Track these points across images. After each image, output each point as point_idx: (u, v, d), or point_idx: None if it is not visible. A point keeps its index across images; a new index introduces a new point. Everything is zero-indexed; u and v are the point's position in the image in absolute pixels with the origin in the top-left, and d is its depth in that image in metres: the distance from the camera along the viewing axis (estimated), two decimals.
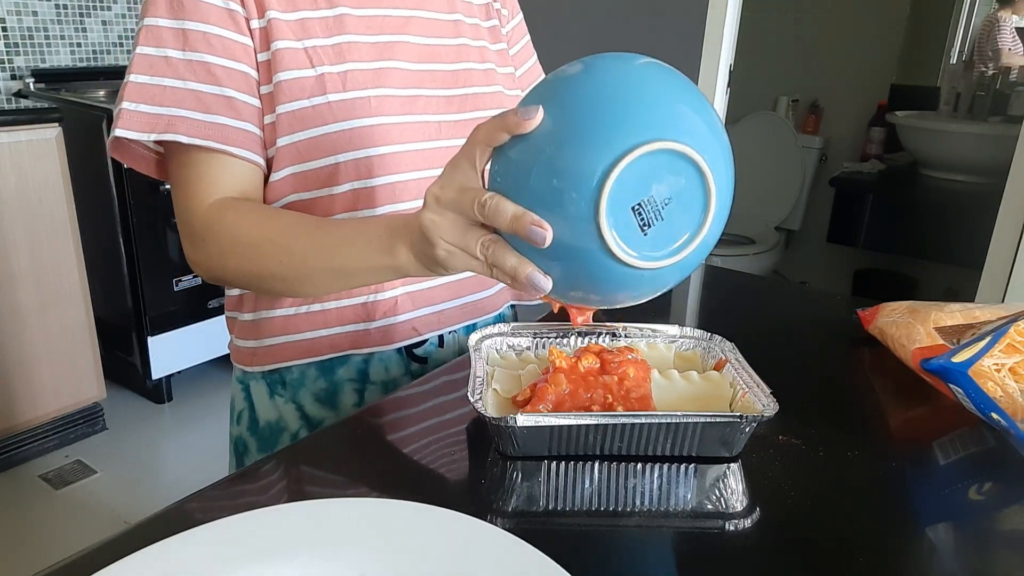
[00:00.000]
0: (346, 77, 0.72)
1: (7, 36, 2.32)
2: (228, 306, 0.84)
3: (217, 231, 0.67)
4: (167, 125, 0.66)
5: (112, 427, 2.31)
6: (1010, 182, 1.75)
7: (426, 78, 0.78)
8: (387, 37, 0.75)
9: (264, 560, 0.42)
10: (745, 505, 0.55)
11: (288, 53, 0.70)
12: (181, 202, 0.70)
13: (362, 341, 0.79)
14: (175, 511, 0.52)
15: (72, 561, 0.46)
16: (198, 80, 0.67)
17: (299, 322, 0.78)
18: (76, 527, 1.89)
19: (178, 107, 0.66)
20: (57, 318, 2.05)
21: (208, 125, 0.67)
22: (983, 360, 0.66)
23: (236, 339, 0.83)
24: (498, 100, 0.84)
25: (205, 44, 0.67)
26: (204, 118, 0.67)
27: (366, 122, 0.72)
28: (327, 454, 0.62)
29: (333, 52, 0.72)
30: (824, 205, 3.02)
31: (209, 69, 0.67)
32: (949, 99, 2.87)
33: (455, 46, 0.81)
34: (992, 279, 1.82)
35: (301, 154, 0.71)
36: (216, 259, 0.68)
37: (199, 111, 0.67)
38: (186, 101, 0.66)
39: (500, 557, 0.42)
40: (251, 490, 0.56)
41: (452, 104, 0.79)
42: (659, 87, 0.47)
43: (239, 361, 0.83)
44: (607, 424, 0.56)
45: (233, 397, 0.86)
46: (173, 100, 0.66)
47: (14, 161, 1.88)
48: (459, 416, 0.66)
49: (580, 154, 0.45)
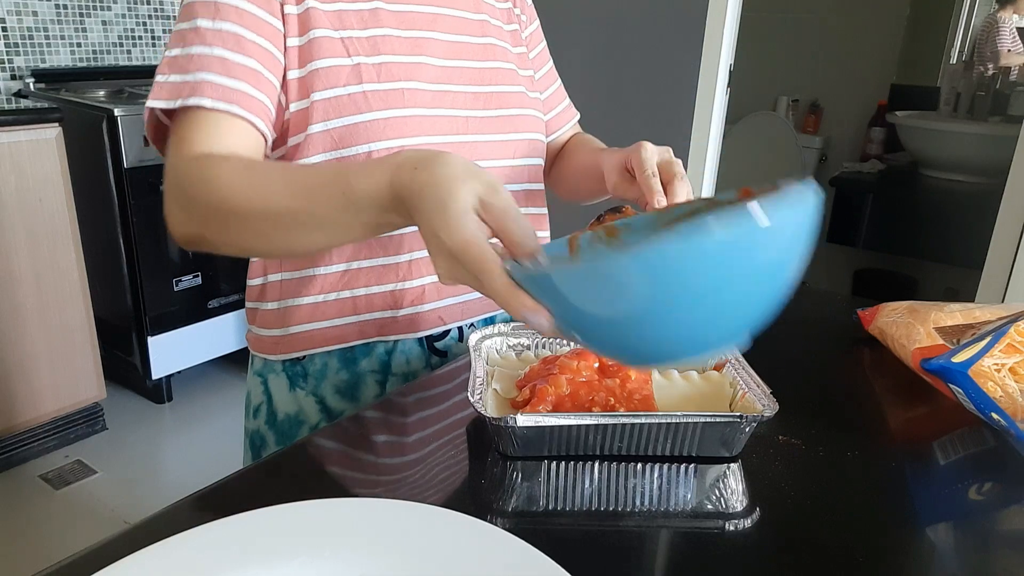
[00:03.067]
0: (381, 69, 0.73)
1: (7, 36, 2.32)
2: (250, 297, 0.84)
3: (195, 179, 0.64)
4: (192, 90, 0.66)
5: (112, 427, 2.31)
6: (1010, 182, 1.75)
7: (454, 75, 0.79)
8: (418, 33, 0.78)
9: (264, 560, 0.42)
10: (745, 505, 0.55)
11: (326, 41, 0.71)
12: (172, 155, 0.67)
13: (389, 328, 0.79)
14: (175, 511, 0.52)
15: (72, 561, 0.46)
16: (226, 47, 0.67)
17: (327, 309, 0.78)
18: (76, 527, 1.89)
19: (205, 71, 0.66)
20: (57, 318, 2.05)
21: (232, 91, 0.67)
22: (983, 360, 0.66)
23: (257, 329, 0.82)
24: (521, 100, 0.86)
25: (236, 15, 0.68)
26: (229, 83, 0.67)
27: (400, 112, 0.73)
28: (327, 454, 0.62)
29: (368, 44, 0.73)
30: (824, 205, 3.01)
31: (238, 39, 0.68)
32: (949, 99, 2.88)
33: (481, 45, 0.83)
34: (992, 279, 1.82)
35: (335, 141, 0.72)
36: (194, 216, 0.64)
37: (225, 76, 0.67)
38: (212, 65, 0.66)
39: (500, 557, 0.42)
40: (251, 491, 0.56)
41: (479, 101, 0.81)
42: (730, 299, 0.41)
43: (260, 350, 0.83)
44: (607, 424, 0.56)
45: (250, 391, 0.86)
46: (199, 65, 0.66)
47: (14, 161, 1.88)
48: (459, 416, 0.66)
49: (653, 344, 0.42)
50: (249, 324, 0.85)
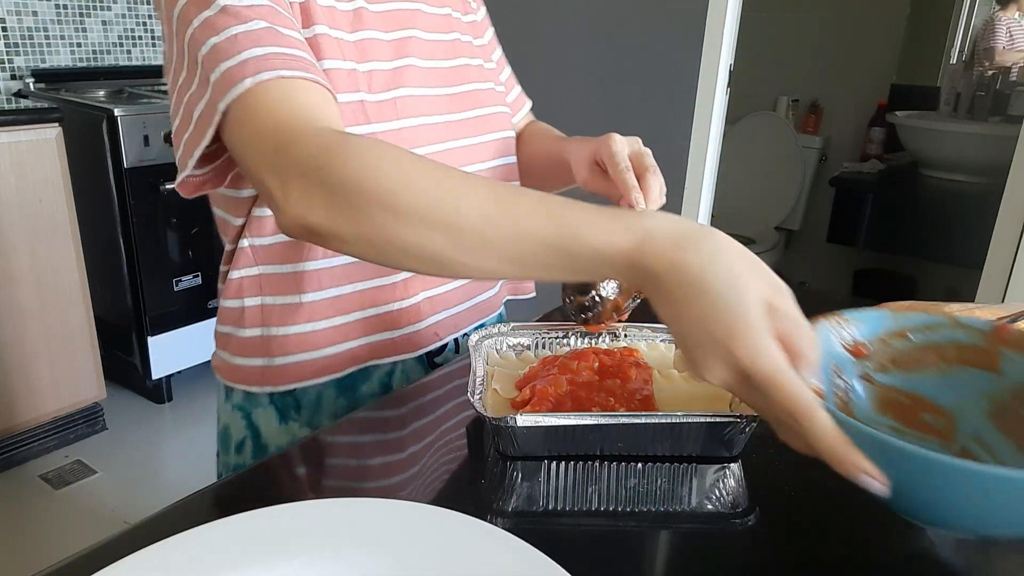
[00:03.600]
0: (371, 77, 0.68)
1: (7, 36, 2.32)
2: (223, 319, 0.74)
3: (356, 154, 0.49)
4: (256, 67, 0.54)
5: (112, 427, 2.31)
6: (1010, 182, 1.75)
7: (433, 77, 0.75)
8: (401, 33, 0.72)
9: (264, 560, 0.42)
10: (745, 505, 0.55)
11: (326, 40, 0.65)
12: (291, 123, 0.53)
13: (385, 351, 0.74)
14: (175, 511, 0.52)
15: (72, 561, 0.46)
16: (268, 20, 0.58)
17: (316, 338, 0.71)
18: (76, 527, 1.89)
19: (261, 45, 0.56)
20: (57, 318, 2.05)
21: (296, 59, 0.57)
22: None
23: (233, 357, 0.73)
24: (491, 97, 0.81)
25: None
26: (290, 52, 0.57)
27: (395, 125, 0.69)
28: (327, 454, 0.62)
29: (357, 49, 0.68)
30: (824, 205, 3.01)
31: (274, 12, 0.59)
32: (949, 99, 2.87)
33: (450, 42, 0.78)
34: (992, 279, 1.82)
35: None
36: (343, 197, 0.49)
37: (282, 46, 0.57)
38: (265, 39, 0.57)
39: (500, 557, 0.42)
40: (251, 490, 0.56)
41: (454, 103, 0.76)
42: None
43: (240, 381, 0.73)
44: (607, 424, 0.56)
45: (227, 425, 0.77)
46: (250, 41, 0.56)
47: (14, 161, 1.88)
48: (459, 416, 0.66)
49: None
50: (219, 350, 0.76)
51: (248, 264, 0.70)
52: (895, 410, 0.55)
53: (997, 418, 0.52)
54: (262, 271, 0.70)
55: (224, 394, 0.77)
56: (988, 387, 0.53)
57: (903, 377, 0.55)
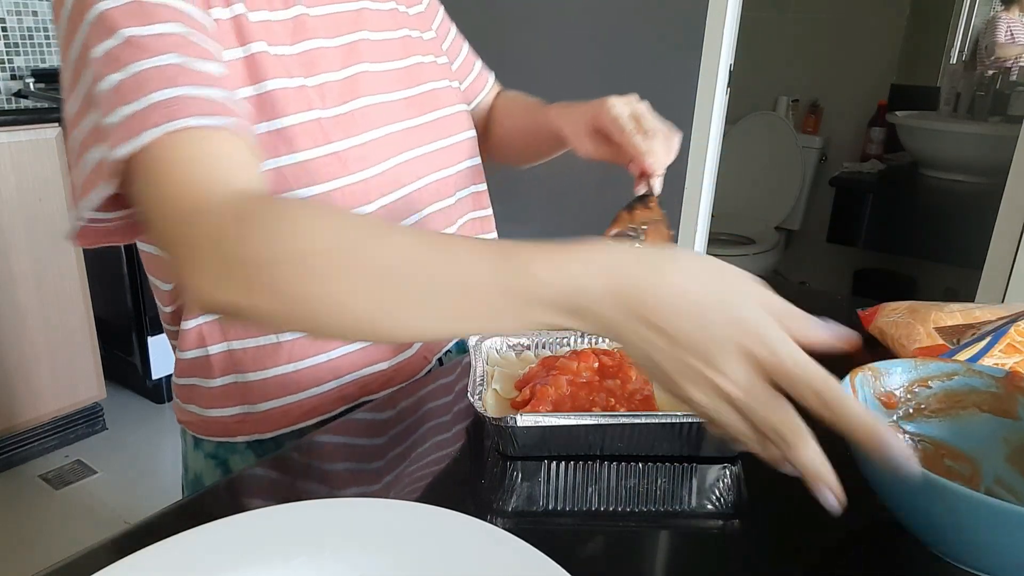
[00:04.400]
0: (323, 91, 0.62)
1: (7, 36, 2.32)
2: (181, 372, 0.67)
3: (268, 222, 0.43)
4: (166, 113, 0.47)
5: (112, 427, 2.31)
6: (1010, 182, 1.75)
7: (388, 81, 0.69)
8: (348, 37, 0.66)
9: (264, 560, 0.42)
10: (745, 505, 0.55)
11: (266, 58, 0.59)
12: (187, 190, 0.47)
13: (374, 386, 0.70)
14: (175, 511, 0.52)
15: (72, 561, 0.46)
16: (180, 52, 0.49)
17: (300, 379, 0.65)
18: (76, 527, 1.89)
19: (171, 86, 0.48)
20: (57, 318, 2.04)
21: (210, 102, 0.49)
22: (983, 360, 0.66)
23: (205, 410, 0.67)
24: (449, 95, 0.75)
25: (171, 11, 0.51)
26: (204, 93, 0.49)
27: (357, 140, 0.64)
28: (326, 454, 0.62)
29: (301, 62, 0.62)
30: (824, 205, 3.01)
31: (187, 40, 0.51)
32: (949, 99, 2.87)
33: (400, 39, 0.72)
34: (992, 279, 1.82)
35: (289, 180, 0.59)
36: (254, 270, 0.43)
37: (196, 85, 0.49)
38: (176, 78, 0.48)
39: (500, 557, 0.42)
40: (251, 490, 0.56)
41: (412, 107, 0.71)
42: None
43: (216, 434, 0.68)
44: (607, 424, 0.56)
45: (197, 473, 0.71)
46: (158, 81, 0.48)
47: (14, 161, 1.88)
48: (459, 416, 0.66)
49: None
50: (184, 403, 0.69)
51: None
52: (922, 456, 0.57)
53: (1017, 462, 0.55)
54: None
55: (192, 443, 0.71)
56: (1006, 432, 0.56)
57: (927, 424, 0.58)
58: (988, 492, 0.54)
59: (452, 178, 0.75)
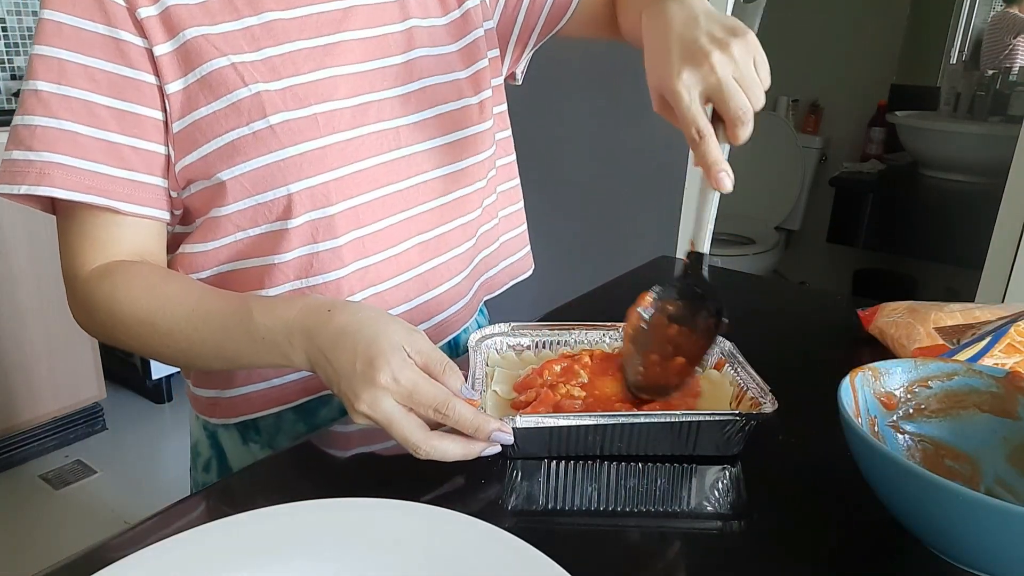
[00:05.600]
0: (286, 95, 0.63)
1: (7, 36, 2.32)
2: None
3: (97, 302, 0.61)
4: (39, 175, 0.57)
5: (112, 427, 2.31)
6: (1010, 182, 1.75)
7: (375, 79, 0.68)
8: (325, 39, 0.66)
9: (263, 560, 0.42)
10: (745, 505, 0.55)
11: (220, 74, 0.61)
12: (64, 259, 0.63)
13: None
14: (175, 511, 0.52)
15: (72, 561, 0.46)
16: (76, 120, 0.58)
17: (264, 370, 0.69)
18: (76, 527, 1.89)
19: (51, 151, 0.57)
20: (57, 318, 2.05)
21: (89, 175, 0.58)
22: (983, 360, 0.66)
23: (194, 387, 0.74)
24: (458, 90, 0.74)
25: (86, 79, 0.58)
26: (83, 166, 0.58)
27: (317, 144, 0.64)
28: (326, 454, 0.62)
29: (265, 67, 0.63)
30: (824, 205, 3.01)
31: (90, 108, 0.58)
32: (949, 99, 2.87)
33: (403, 31, 0.71)
34: (992, 279, 1.82)
35: (247, 188, 0.63)
36: (100, 329, 0.63)
37: (77, 157, 0.58)
38: (59, 144, 0.57)
39: (500, 557, 0.42)
40: (251, 490, 0.56)
41: (409, 104, 0.70)
42: None
43: (199, 411, 0.75)
44: (607, 424, 0.56)
45: (196, 442, 0.78)
46: (44, 142, 0.57)
47: None
48: None
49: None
50: (185, 378, 0.77)
51: None
52: (922, 456, 0.57)
53: (1017, 462, 0.55)
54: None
55: (196, 415, 0.78)
56: (1006, 432, 0.56)
57: (927, 424, 0.58)
58: (988, 492, 0.54)
59: (451, 176, 0.75)
